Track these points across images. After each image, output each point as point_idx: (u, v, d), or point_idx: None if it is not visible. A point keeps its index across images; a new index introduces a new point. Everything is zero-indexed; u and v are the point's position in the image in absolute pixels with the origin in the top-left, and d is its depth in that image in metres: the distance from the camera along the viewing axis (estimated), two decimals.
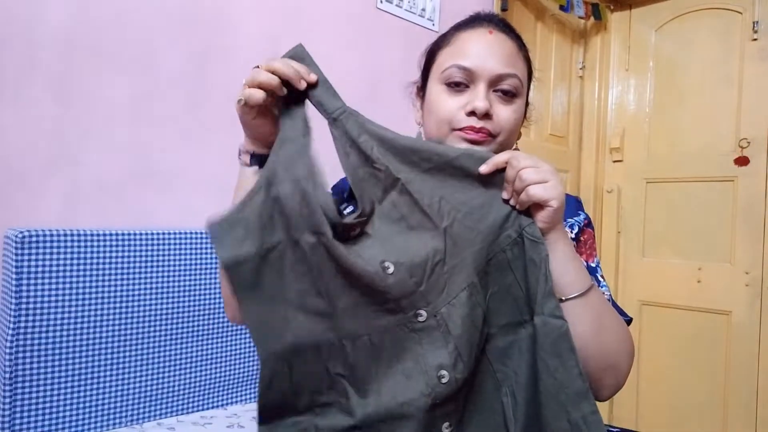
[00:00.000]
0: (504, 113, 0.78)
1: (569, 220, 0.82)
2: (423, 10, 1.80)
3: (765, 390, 2.09)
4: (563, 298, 0.66)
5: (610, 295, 0.80)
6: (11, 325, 0.98)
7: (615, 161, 2.54)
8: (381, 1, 1.68)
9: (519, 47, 0.82)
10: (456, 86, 0.78)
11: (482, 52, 0.78)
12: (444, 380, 0.63)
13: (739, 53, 2.22)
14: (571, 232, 0.80)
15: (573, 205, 0.85)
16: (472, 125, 0.75)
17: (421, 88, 0.86)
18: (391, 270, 0.64)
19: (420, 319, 0.65)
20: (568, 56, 2.54)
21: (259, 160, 0.72)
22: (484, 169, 0.67)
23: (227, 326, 1.26)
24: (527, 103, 0.86)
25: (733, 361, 2.17)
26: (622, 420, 2.40)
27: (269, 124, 0.70)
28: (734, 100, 2.22)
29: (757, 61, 2.17)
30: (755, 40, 2.17)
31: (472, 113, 0.76)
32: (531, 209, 0.66)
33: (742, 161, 2.18)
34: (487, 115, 0.76)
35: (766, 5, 2.16)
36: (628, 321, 0.80)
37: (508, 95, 0.78)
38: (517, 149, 0.89)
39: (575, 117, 2.57)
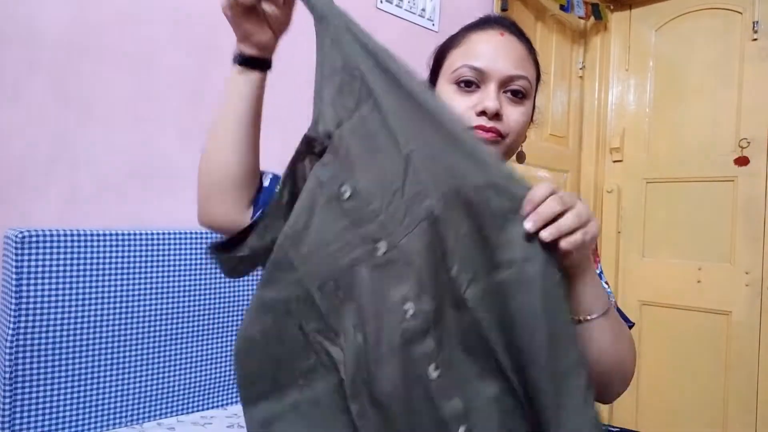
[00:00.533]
0: (513, 114, 0.78)
1: None
2: (423, 10, 1.80)
3: (765, 390, 2.09)
4: (588, 318, 0.66)
5: (615, 300, 0.80)
6: (11, 325, 0.98)
7: (615, 161, 2.54)
8: (381, 1, 1.68)
9: (529, 50, 0.83)
10: (467, 86, 0.78)
11: (494, 53, 0.78)
12: (409, 313, 0.59)
13: (739, 53, 2.22)
14: None
15: None
16: (482, 125, 0.76)
17: (430, 86, 0.86)
18: (347, 194, 0.61)
19: (379, 252, 0.60)
20: (568, 56, 2.54)
21: (243, 60, 0.72)
22: (530, 226, 0.58)
23: (227, 326, 1.26)
24: (534, 106, 0.87)
25: (733, 361, 2.17)
26: (623, 420, 2.40)
27: (257, 24, 0.69)
28: (734, 100, 2.22)
29: (757, 61, 2.17)
30: (755, 40, 2.17)
31: (482, 113, 0.76)
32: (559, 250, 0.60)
33: (742, 161, 2.18)
34: (497, 116, 0.76)
35: (766, 5, 2.16)
36: (631, 326, 0.81)
37: (518, 96, 0.79)
38: (521, 152, 0.89)
39: (575, 117, 2.57)
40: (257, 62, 0.73)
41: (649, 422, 2.35)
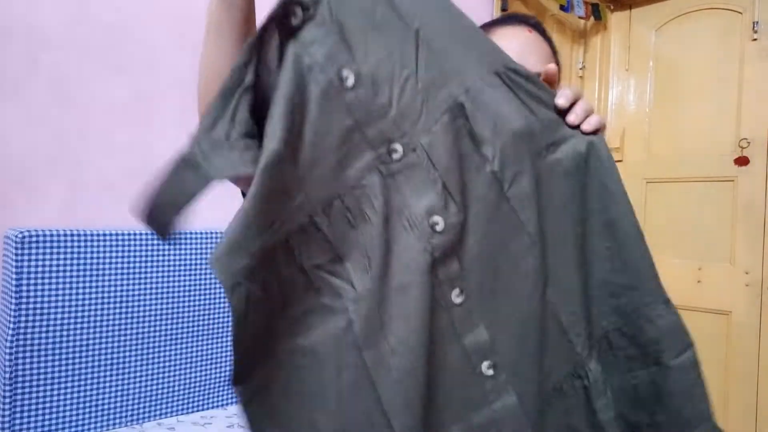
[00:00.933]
0: None
1: None
2: None
3: (765, 390, 2.09)
4: None
5: None
6: (11, 325, 0.98)
7: (615, 161, 2.53)
8: None
9: (553, 53, 0.82)
10: None
11: (523, 48, 0.76)
12: (438, 227, 0.49)
13: (739, 53, 2.22)
14: None
15: None
16: None
17: None
18: (351, 81, 0.47)
19: (395, 156, 0.49)
20: (568, 56, 2.54)
21: None
22: (562, 102, 0.55)
23: (227, 326, 1.26)
24: None
25: (733, 361, 2.17)
26: None
27: None
28: (734, 100, 2.22)
29: (757, 61, 2.17)
30: (755, 40, 2.17)
31: None
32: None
33: (742, 161, 2.17)
34: None
35: (766, 5, 2.16)
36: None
37: None
38: None
39: None
40: None
41: None
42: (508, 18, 0.83)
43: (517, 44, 0.77)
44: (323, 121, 0.46)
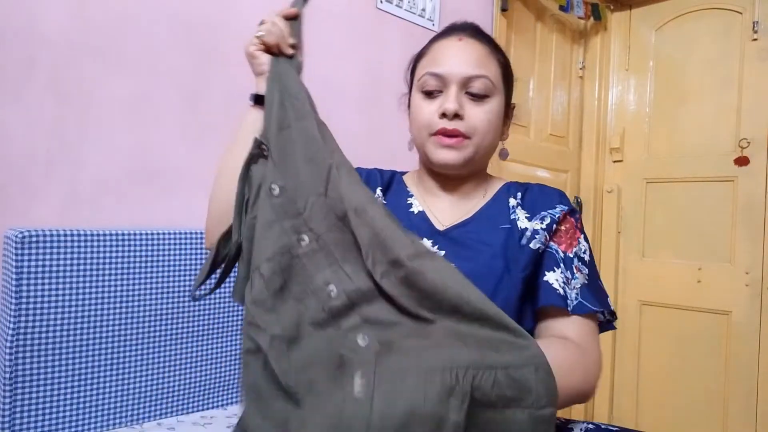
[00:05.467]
0: (476, 113, 0.82)
1: (542, 212, 0.84)
2: (423, 10, 1.80)
3: (765, 390, 2.09)
4: None
5: (586, 282, 0.81)
6: (11, 325, 0.98)
7: (615, 161, 2.54)
8: (381, 1, 1.68)
9: (491, 51, 0.86)
10: (430, 92, 0.83)
11: (452, 57, 0.83)
12: (333, 294, 0.67)
13: (739, 53, 2.22)
14: (542, 223, 0.83)
15: (553, 197, 0.87)
16: (444, 127, 0.81)
17: (409, 97, 0.92)
18: (276, 192, 0.72)
19: (303, 243, 0.70)
20: (568, 56, 2.54)
21: (258, 98, 0.82)
22: None
23: (227, 326, 1.26)
24: (509, 104, 0.89)
25: (733, 361, 2.17)
26: (623, 420, 2.40)
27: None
28: (734, 100, 2.22)
29: (757, 61, 2.17)
30: (755, 40, 2.18)
31: (443, 115, 0.81)
32: None
33: (742, 161, 2.18)
34: (457, 116, 0.81)
35: (766, 5, 2.16)
36: (612, 313, 0.83)
37: (480, 96, 0.82)
38: (504, 149, 0.91)
39: (575, 117, 2.57)
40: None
41: (649, 422, 2.35)
42: (445, 30, 0.90)
43: (447, 55, 0.84)
44: (262, 213, 0.72)
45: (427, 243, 0.82)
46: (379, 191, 0.91)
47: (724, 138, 2.24)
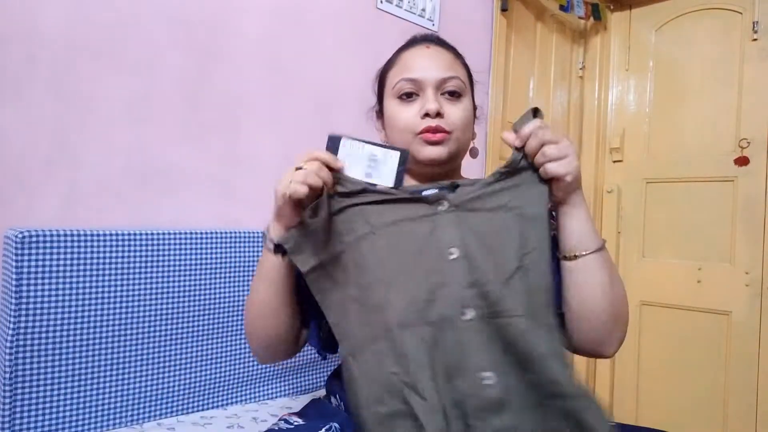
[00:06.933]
0: (454, 111, 0.88)
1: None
2: (423, 10, 1.80)
3: (765, 390, 2.09)
4: (583, 253, 0.75)
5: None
6: (11, 325, 0.98)
7: (615, 161, 2.54)
8: (381, 1, 1.68)
9: (455, 56, 0.94)
10: (408, 96, 0.88)
11: (424, 63, 0.89)
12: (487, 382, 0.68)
13: (739, 53, 2.22)
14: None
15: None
16: (428, 126, 0.86)
17: (379, 110, 0.97)
18: (454, 256, 0.73)
19: (465, 317, 0.70)
20: (568, 56, 2.54)
21: (280, 249, 0.78)
22: (515, 141, 0.76)
23: (227, 326, 1.26)
24: (474, 105, 0.96)
25: (733, 361, 2.17)
26: (623, 420, 2.39)
27: (298, 213, 0.76)
28: (734, 100, 2.22)
29: (757, 61, 2.17)
30: (755, 40, 2.17)
31: (426, 115, 0.86)
32: (549, 180, 0.75)
33: (742, 161, 2.18)
34: (439, 114, 0.86)
35: (766, 5, 2.16)
36: None
37: (455, 95, 0.89)
38: (474, 148, 0.96)
39: (575, 117, 2.57)
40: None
41: (650, 422, 2.34)
42: (410, 42, 0.95)
43: (419, 61, 0.89)
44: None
45: None
46: None
47: (724, 138, 2.24)
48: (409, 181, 0.93)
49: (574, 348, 0.81)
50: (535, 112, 0.76)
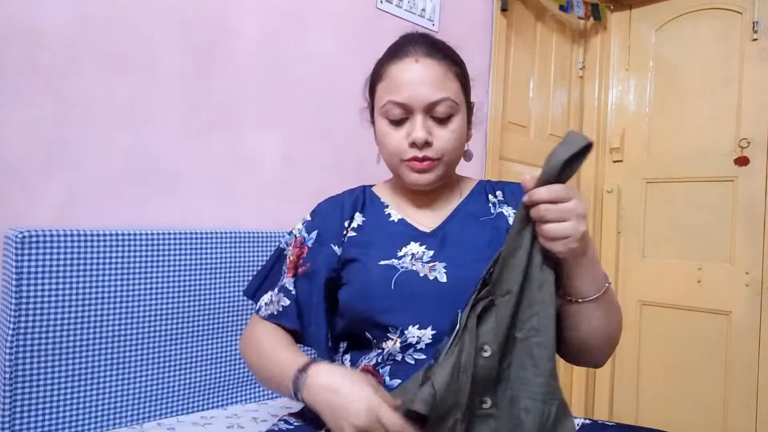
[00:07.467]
0: (443, 135, 0.85)
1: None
2: (423, 10, 1.80)
3: (765, 390, 2.09)
4: (581, 300, 0.74)
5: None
6: (11, 325, 0.98)
7: (615, 161, 2.54)
8: (381, 1, 1.68)
9: (447, 66, 0.87)
10: (396, 121, 0.86)
11: (412, 82, 0.84)
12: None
13: (739, 53, 2.22)
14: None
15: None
16: (415, 155, 0.84)
17: (371, 116, 0.95)
18: (487, 353, 0.71)
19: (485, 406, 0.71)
20: (568, 56, 2.54)
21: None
22: (525, 197, 0.70)
23: (227, 326, 1.26)
24: (470, 108, 0.93)
25: (733, 361, 2.17)
26: (623, 420, 2.40)
27: None
28: (734, 100, 2.22)
29: (757, 61, 2.17)
30: (755, 40, 2.18)
31: (413, 144, 0.84)
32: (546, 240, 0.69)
33: (742, 161, 2.18)
34: (427, 143, 0.84)
35: (766, 5, 2.16)
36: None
37: (445, 118, 0.85)
38: (468, 151, 0.95)
39: (575, 117, 2.57)
40: None
41: (649, 422, 2.34)
42: (398, 48, 0.89)
43: (406, 81, 0.84)
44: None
45: (414, 245, 0.86)
46: (358, 216, 0.93)
47: (724, 138, 2.24)
48: (403, 194, 0.95)
49: (566, 361, 0.85)
50: (585, 149, 0.67)
